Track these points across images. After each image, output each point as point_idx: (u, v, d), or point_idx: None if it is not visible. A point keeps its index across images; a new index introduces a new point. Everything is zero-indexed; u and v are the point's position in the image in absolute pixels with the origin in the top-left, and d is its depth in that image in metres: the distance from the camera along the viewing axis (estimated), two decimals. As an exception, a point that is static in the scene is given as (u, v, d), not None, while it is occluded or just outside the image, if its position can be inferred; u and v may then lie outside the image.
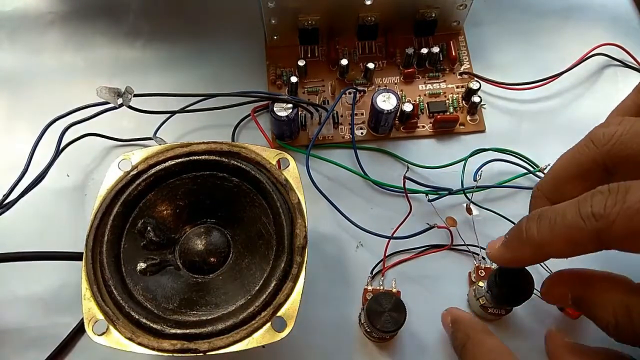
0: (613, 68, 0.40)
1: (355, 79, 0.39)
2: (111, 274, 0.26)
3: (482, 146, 0.36)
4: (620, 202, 0.19)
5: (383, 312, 0.29)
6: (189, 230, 0.30)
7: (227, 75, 0.40)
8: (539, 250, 0.23)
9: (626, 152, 0.21)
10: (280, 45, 0.40)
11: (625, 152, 0.21)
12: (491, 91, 0.39)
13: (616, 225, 0.20)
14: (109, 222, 0.27)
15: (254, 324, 0.25)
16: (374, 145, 0.37)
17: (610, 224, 0.20)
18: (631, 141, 0.21)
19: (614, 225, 0.20)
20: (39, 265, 0.31)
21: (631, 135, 0.21)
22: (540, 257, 0.24)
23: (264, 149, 0.29)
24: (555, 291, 0.25)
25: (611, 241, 0.20)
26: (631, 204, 0.19)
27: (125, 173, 0.28)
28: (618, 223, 0.19)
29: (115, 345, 0.25)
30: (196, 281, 0.29)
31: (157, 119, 0.36)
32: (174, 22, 0.42)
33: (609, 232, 0.20)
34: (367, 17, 0.38)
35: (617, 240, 0.20)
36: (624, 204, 0.19)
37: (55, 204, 0.36)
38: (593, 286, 0.23)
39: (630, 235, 0.19)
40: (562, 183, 0.24)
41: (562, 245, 0.22)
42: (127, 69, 0.40)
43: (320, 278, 0.33)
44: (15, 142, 0.37)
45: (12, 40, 0.41)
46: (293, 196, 0.28)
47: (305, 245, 0.27)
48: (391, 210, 0.35)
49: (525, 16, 0.42)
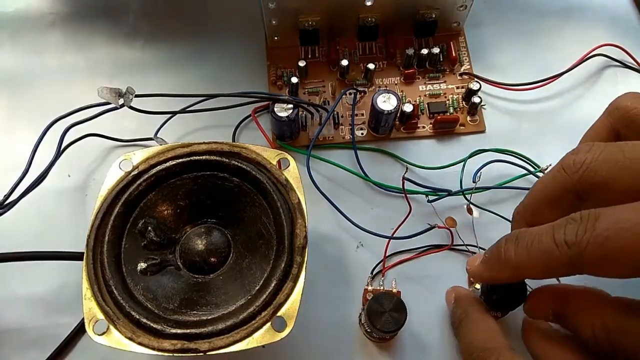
0: (613, 69, 0.40)
1: (355, 79, 0.39)
2: (112, 273, 0.26)
3: (482, 146, 0.36)
4: (590, 229, 0.20)
5: (384, 312, 0.29)
6: (190, 230, 0.30)
7: (227, 75, 0.40)
8: (516, 271, 0.24)
9: (595, 179, 0.22)
10: (281, 45, 0.40)
11: (594, 180, 0.22)
12: (491, 92, 0.39)
13: (587, 253, 0.20)
14: (109, 222, 0.27)
15: (254, 324, 0.25)
16: (374, 145, 0.37)
17: (582, 251, 0.20)
18: (600, 168, 0.22)
19: (585, 252, 0.20)
20: (40, 265, 0.31)
21: (600, 162, 0.22)
22: (517, 278, 0.25)
23: (264, 149, 0.29)
24: (536, 308, 0.26)
25: (583, 267, 0.21)
26: (600, 232, 0.20)
27: (126, 173, 0.29)
28: (589, 250, 0.20)
29: (116, 345, 0.25)
30: (196, 281, 0.29)
31: (158, 119, 0.36)
32: (175, 23, 0.42)
33: (581, 259, 0.20)
34: (367, 18, 0.38)
35: (589, 266, 0.21)
36: (593, 232, 0.20)
37: (56, 204, 0.36)
38: (571, 303, 0.24)
39: (601, 262, 0.20)
40: (538, 208, 0.25)
41: (538, 269, 0.23)
42: (128, 70, 0.40)
43: (320, 278, 0.33)
44: (17, 142, 0.38)
45: (13, 41, 0.41)
46: (293, 196, 0.28)
47: (306, 245, 0.27)
48: (391, 210, 0.35)
49: (525, 16, 0.42)
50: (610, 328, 0.22)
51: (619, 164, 0.21)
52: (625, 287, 0.32)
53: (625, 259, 0.19)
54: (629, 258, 0.19)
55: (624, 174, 0.21)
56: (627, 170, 0.21)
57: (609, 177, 0.21)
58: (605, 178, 0.21)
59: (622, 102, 0.25)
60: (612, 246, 0.19)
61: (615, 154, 0.21)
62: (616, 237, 0.19)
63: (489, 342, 0.25)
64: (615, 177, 0.21)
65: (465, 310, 0.28)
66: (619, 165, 0.21)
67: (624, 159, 0.21)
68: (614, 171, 0.21)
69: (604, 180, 0.21)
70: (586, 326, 0.23)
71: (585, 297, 0.23)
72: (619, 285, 0.32)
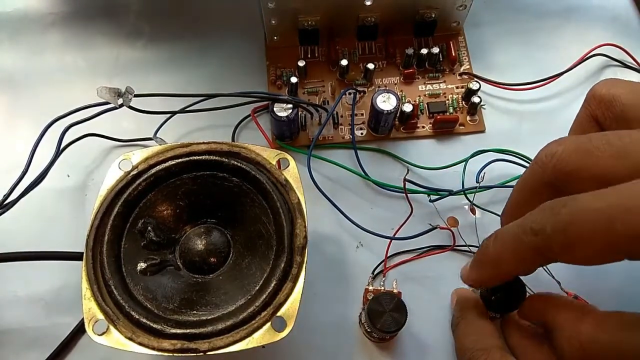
0: (613, 68, 0.40)
1: (355, 79, 0.39)
2: (111, 274, 0.26)
3: (482, 146, 0.36)
4: (555, 216, 0.20)
5: (384, 313, 0.29)
6: (189, 230, 0.30)
7: (227, 75, 0.40)
8: (495, 267, 0.24)
9: (567, 168, 0.22)
10: (280, 45, 0.40)
11: (566, 169, 0.22)
12: (491, 91, 0.39)
13: (552, 239, 0.20)
14: (109, 222, 0.27)
15: (254, 324, 0.25)
16: (374, 145, 0.37)
17: (547, 238, 0.20)
18: (570, 158, 0.22)
19: (550, 239, 0.20)
20: (39, 265, 0.31)
21: (569, 152, 0.22)
22: (499, 275, 0.25)
23: (264, 149, 0.29)
24: (529, 315, 0.26)
25: (551, 254, 0.21)
26: (563, 218, 0.20)
27: (126, 173, 0.29)
28: (553, 237, 0.20)
29: (116, 345, 0.25)
30: (196, 281, 0.29)
31: (157, 119, 0.36)
32: (175, 23, 0.42)
33: (547, 246, 0.20)
34: (367, 18, 0.38)
35: (555, 253, 0.21)
36: (557, 217, 0.20)
37: (56, 204, 0.36)
38: (556, 316, 0.24)
39: (564, 248, 0.20)
40: (520, 208, 0.25)
41: (512, 261, 0.23)
42: (128, 69, 0.40)
43: (320, 278, 0.33)
44: (16, 142, 0.38)
45: (13, 41, 0.41)
46: (293, 196, 0.28)
47: (305, 245, 0.27)
48: (391, 210, 0.35)
49: (525, 16, 0.42)
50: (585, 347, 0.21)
51: (588, 152, 0.21)
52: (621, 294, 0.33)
53: (585, 245, 0.19)
54: (589, 243, 0.19)
55: (593, 162, 0.21)
56: (595, 158, 0.21)
57: (579, 165, 0.21)
58: (576, 167, 0.21)
59: (598, 90, 0.25)
60: (573, 232, 0.19)
61: (584, 143, 0.21)
62: (576, 222, 0.19)
63: (481, 343, 0.26)
64: (585, 165, 0.21)
65: (462, 312, 0.29)
66: (587, 154, 0.21)
67: (592, 147, 0.21)
68: (584, 159, 0.21)
69: (575, 168, 0.21)
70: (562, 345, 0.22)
71: (564, 313, 0.23)
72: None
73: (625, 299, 0.33)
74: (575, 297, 0.31)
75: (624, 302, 0.32)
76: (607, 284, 0.33)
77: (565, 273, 0.32)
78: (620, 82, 0.24)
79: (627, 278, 0.33)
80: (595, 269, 0.25)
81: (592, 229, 0.19)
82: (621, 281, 0.33)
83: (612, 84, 0.24)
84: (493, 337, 0.26)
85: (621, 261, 0.20)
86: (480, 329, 0.27)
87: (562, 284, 0.32)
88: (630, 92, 0.23)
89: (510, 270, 0.24)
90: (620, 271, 0.33)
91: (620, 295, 0.33)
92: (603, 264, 0.20)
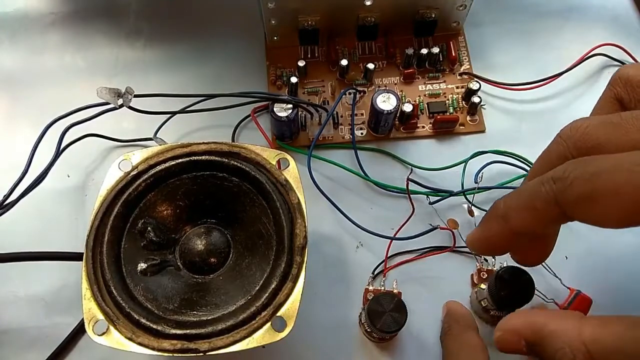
0: (613, 68, 0.40)
1: (355, 79, 0.39)
2: (111, 274, 0.26)
3: (482, 146, 0.36)
4: (581, 167, 0.19)
5: (384, 313, 0.29)
6: (189, 231, 0.30)
7: (227, 75, 0.40)
8: (504, 222, 0.22)
9: (591, 142, 0.21)
10: (280, 45, 0.40)
11: (590, 143, 0.21)
12: (491, 91, 0.39)
13: (573, 187, 0.19)
14: (109, 223, 0.27)
15: (254, 324, 0.25)
16: (374, 145, 0.37)
17: (568, 185, 0.19)
18: (597, 130, 0.21)
19: (571, 186, 0.19)
20: (39, 265, 0.31)
21: (596, 125, 0.21)
22: (506, 231, 0.23)
23: (263, 149, 0.29)
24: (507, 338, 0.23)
25: (568, 204, 0.19)
26: (591, 169, 0.19)
27: (126, 173, 0.29)
28: (575, 185, 0.19)
29: (116, 345, 0.25)
30: (196, 281, 0.29)
31: (157, 119, 0.36)
32: (174, 23, 0.42)
33: (566, 193, 0.19)
34: (367, 18, 0.38)
35: (574, 205, 0.19)
36: (584, 168, 0.19)
37: (56, 205, 0.36)
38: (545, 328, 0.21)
39: (586, 199, 0.19)
40: None
41: (524, 213, 0.21)
42: (128, 70, 0.40)
43: (320, 278, 0.33)
44: (16, 142, 0.38)
45: (13, 41, 0.41)
46: (293, 196, 0.28)
47: (305, 245, 0.27)
48: (391, 210, 0.35)
49: (525, 16, 0.42)
50: (590, 349, 0.20)
51: (617, 125, 0.20)
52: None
53: (609, 199, 0.18)
54: (614, 198, 0.18)
55: (621, 135, 0.20)
56: (624, 131, 0.20)
57: (606, 138, 0.20)
58: (604, 139, 0.20)
59: (625, 72, 0.24)
60: (599, 182, 0.18)
61: (613, 117, 0.21)
62: (605, 173, 0.18)
63: (467, 356, 0.26)
64: (612, 138, 0.20)
65: (449, 325, 0.29)
66: (616, 127, 0.20)
67: (621, 121, 0.20)
68: (612, 133, 0.20)
69: (601, 142, 0.20)
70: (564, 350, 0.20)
71: (560, 319, 0.21)
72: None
73: (627, 295, 0.33)
74: (578, 293, 0.31)
75: (625, 299, 0.32)
76: (608, 281, 0.33)
77: (566, 270, 0.32)
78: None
79: (628, 274, 0.33)
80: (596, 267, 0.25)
81: (621, 183, 0.18)
82: (623, 278, 0.33)
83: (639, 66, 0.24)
84: (477, 350, 0.26)
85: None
86: (467, 342, 0.27)
87: (562, 280, 0.32)
88: None
89: (519, 224, 0.22)
90: (621, 268, 0.33)
91: (622, 291, 0.33)
92: (620, 227, 0.19)
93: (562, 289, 0.32)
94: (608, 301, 0.32)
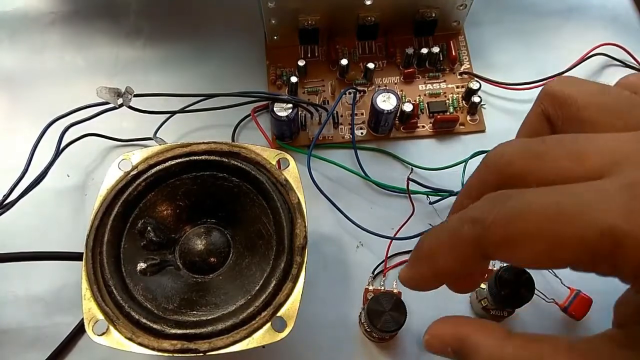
0: (613, 68, 0.40)
1: (355, 79, 0.39)
2: (111, 274, 0.26)
3: (482, 146, 0.36)
4: (498, 207, 0.19)
5: (384, 312, 0.29)
6: (189, 231, 0.30)
7: (227, 75, 0.40)
8: (431, 263, 0.22)
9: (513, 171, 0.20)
10: (280, 45, 0.40)
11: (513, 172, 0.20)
12: (491, 91, 0.39)
13: (492, 230, 0.19)
14: (109, 222, 0.27)
15: (254, 324, 0.25)
16: (374, 145, 0.37)
17: (487, 228, 0.19)
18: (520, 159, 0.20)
19: (490, 230, 0.19)
20: (39, 265, 0.31)
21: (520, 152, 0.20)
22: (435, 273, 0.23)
23: (263, 149, 0.29)
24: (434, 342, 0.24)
25: (489, 248, 0.19)
26: (508, 210, 0.18)
27: (126, 173, 0.28)
28: (493, 228, 0.19)
29: (115, 345, 0.25)
30: (196, 281, 0.29)
31: (157, 119, 0.36)
32: (174, 22, 0.42)
33: (485, 238, 0.19)
34: (367, 17, 0.38)
35: (494, 247, 0.19)
36: (501, 208, 0.18)
37: (56, 204, 0.36)
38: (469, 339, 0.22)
39: (504, 243, 0.19)
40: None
41: (448, 255, 0.21)
42: (128, 69, 0.40)
43: (320, 278, 0.33)
44: (16, 142, 0.37)
45: (12, 40, 0.41)
46: (293, 196, 0.28)
47: (305, 245, 0.27)
48: (391, 210, 0.35)
49: (525, 16, 0.42)
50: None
51: (540, 154, 0.19)
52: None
53: (527, 243, 0.18)
54: (532, 241, 0.18)
55: (544, 164, 0.19)
56: (548, 161, 0.19)
57: (530, 167, 0.20)
58: (527, 169, 0.20)
59: (552, 88, 0.23)
60: (516, 226, 0.18)
61: (537, 144, 0.20)
62: (521, 216, 0.18)
63: None
64: (536, 167, 0.19)
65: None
66: (539, 156, 0.19)
67: (545, 149, 0.19)
68: (535, 161, 0.20)
69: (525, 170, 0.20)
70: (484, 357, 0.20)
71: (484, 334, 0.21)
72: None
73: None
74: (578, 293, 0.31)
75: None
76: (608, 281, 0.33)
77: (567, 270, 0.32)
78: (577, 81, 0.23)
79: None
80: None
81: (537, 227, 0.17)
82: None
83: (568, 82, 0.23)
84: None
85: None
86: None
87: (562, 280, 0.32)
88: (586, 93, 0.21)
89: (446, 266, 0.22)
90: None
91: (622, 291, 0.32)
92: (543, 268, 0.19)
93: (562, 289, 0.32)
94: (608, 301, 0.32)
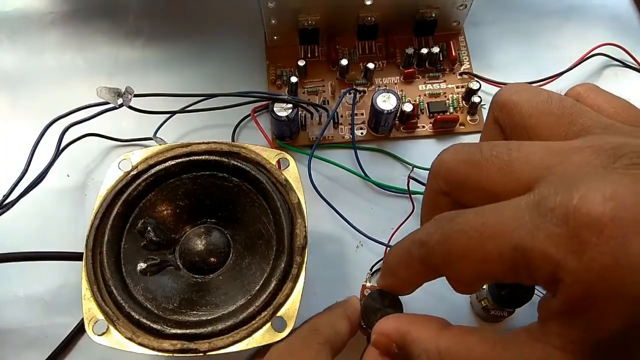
0: (613, 68, 0.40)
1: (355, 79, 0.39)
2: (111, 274, 0.26)
3: (482, 146, 0.36)
4: (440, 228, 0.19)
5: (379, 309, 0.28)
6: (189, 231, 0.30)
7: (227, 75, 0.40)
8: (395, 276, 0.24)
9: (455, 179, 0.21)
10: (280, 45, 0.40)
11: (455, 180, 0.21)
12: (491, 91, 0.39)
13: (434, 252, 0.20)
14: (109, 222, 0.27)
15: (254, 324, 0.25)
16: (374, 145, 0.37)
17: (431, 249, 0.20)
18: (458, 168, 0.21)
19: (433, 251, 0.20)
20: (39, 265, 0.31)
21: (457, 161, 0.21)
22: (399, 285, 0.24)
23: (263, 149, 0.29)
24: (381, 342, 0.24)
25: (436, 268, 0.20)
26: (446, 232, 0.19)
27: (126, 173, 0.28)
28: (436, 250, 0.20)
29: (116, 345, 0.25)
30: (196, 281, 0.29)
31: (157, 119, 0.36)
32: (174, 22, 0.42)
33: (430, 258, 0.20)
34: (367, 17, 0.38)
35: (439, 267, 0.20)
36: (442, 231, 0.19)
37: (56, 204, 0.36)
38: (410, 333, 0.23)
39: (445, 263, 0.19)
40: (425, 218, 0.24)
41: (404, 271, 0.22)
42: (127, 69, 0.40)
43: (320, 278, 0.33)
44: (16, 142, 0.37)
45: (12, 40, 0.41)
46: (293, 196, 0.28)
47: (305, 245, 0.27)
48: (391, 210, 0.35)
49: (525, 16, 0.42)
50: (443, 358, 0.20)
51: (475, 163, 0.20)
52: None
53: (461, 262, 0.19)
54: (463, 260, 0.19)
55: (479, 175, 0.20)
56: (482, 171, 0.20)
57: (466, 177, 0.20)
58: (463, 178, 0.20)
59: (500, 96, 0.23)
60: (450, 247, 0.19)
61: (473, 153, 0.20)
62: (454, 238, 0.19)
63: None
64: (472, 177, 0.20)
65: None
66: (475, 165, 0.20)
67: (480, 159, 0.20)
68: (471, 171, 0.20)
69: (462, 180, 0.20)
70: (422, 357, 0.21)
71: (422, 327, 0.22)
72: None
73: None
74: None
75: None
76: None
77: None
78: (524, 89, 0.23)
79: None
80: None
81: (466, 247, 0.18)
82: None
83: (514, 89, 0.23)
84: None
85: None
86: None
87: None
88: (531, 101, 0.21)
89: (406, 280, 0.23)
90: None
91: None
92: (482, 284, 0.20)
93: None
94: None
